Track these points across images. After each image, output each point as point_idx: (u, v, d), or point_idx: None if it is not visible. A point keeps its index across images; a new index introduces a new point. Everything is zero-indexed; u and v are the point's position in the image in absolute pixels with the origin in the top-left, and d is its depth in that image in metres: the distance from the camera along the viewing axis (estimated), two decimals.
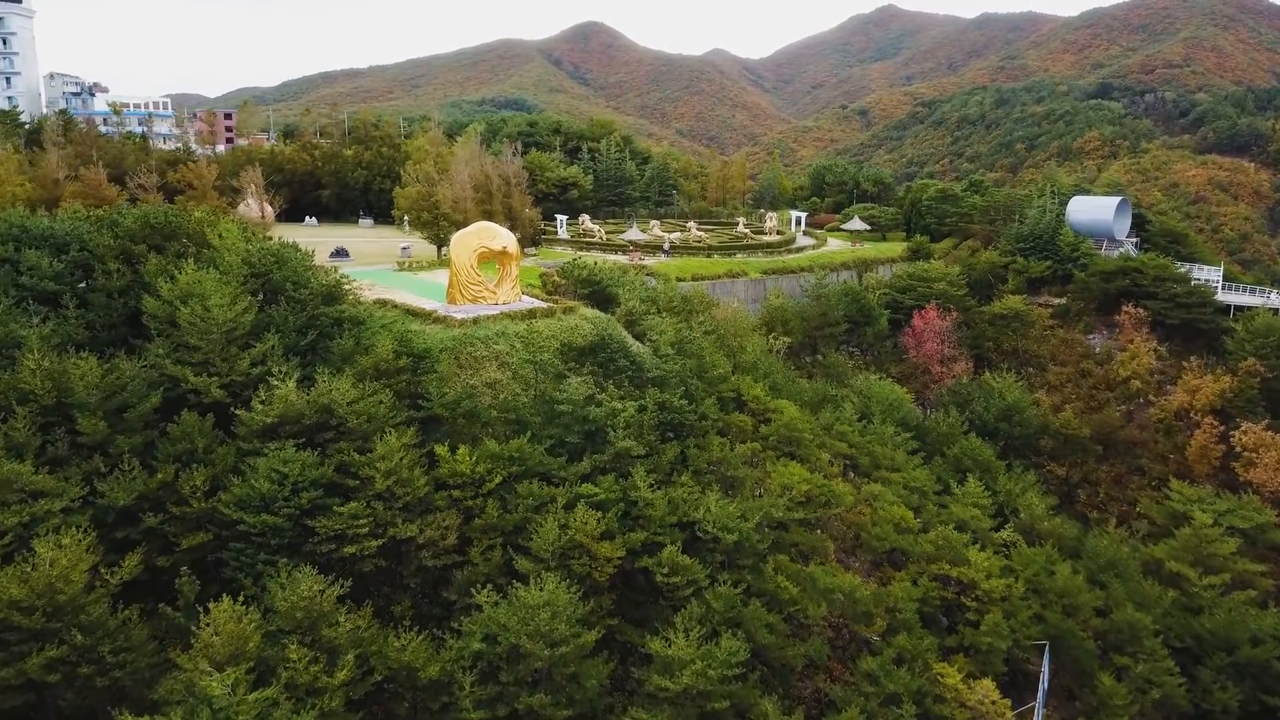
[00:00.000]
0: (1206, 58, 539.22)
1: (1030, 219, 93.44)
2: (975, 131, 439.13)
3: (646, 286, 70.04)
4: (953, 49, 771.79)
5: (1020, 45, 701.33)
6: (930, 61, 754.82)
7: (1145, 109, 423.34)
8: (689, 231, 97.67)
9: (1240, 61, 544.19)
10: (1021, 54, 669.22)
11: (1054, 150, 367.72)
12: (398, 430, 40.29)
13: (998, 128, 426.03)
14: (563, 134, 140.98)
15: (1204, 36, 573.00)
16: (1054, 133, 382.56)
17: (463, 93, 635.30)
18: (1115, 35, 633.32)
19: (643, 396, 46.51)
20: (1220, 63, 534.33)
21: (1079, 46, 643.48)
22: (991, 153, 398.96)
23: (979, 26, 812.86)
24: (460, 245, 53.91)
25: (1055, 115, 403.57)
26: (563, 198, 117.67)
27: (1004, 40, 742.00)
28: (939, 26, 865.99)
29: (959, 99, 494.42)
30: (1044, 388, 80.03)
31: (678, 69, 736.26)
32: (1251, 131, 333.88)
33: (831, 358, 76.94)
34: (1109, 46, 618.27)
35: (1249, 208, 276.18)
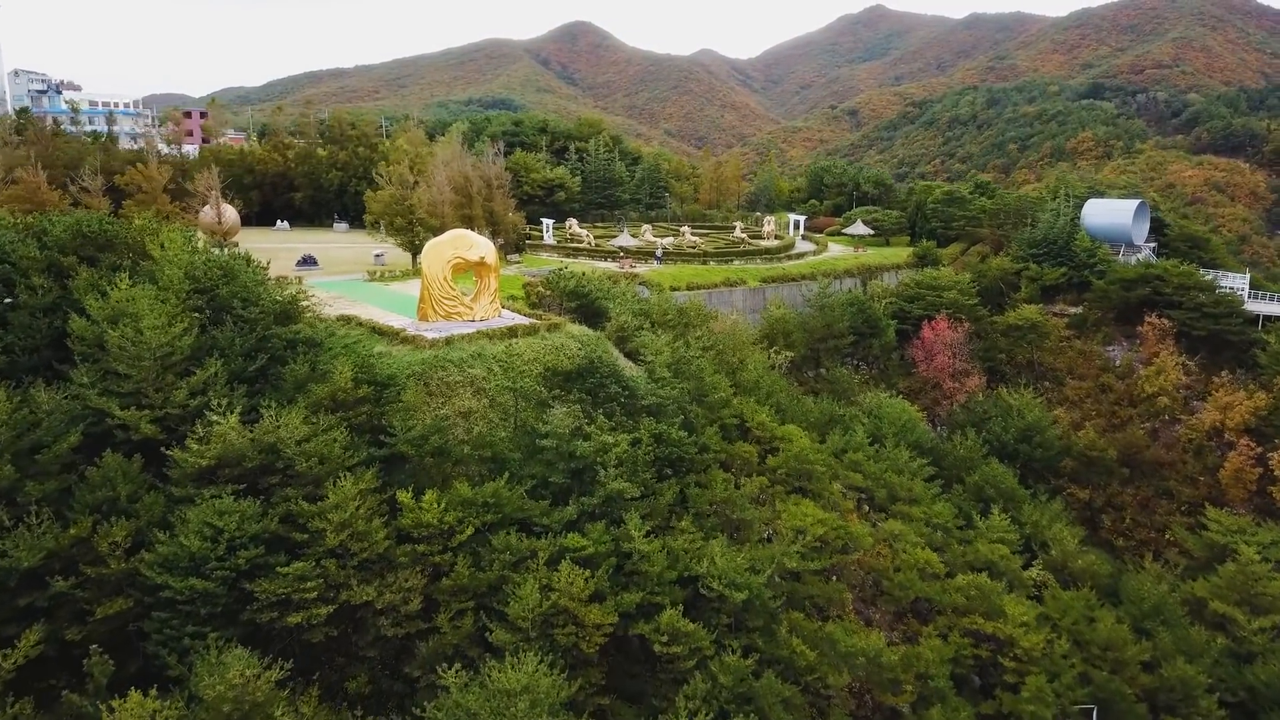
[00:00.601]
0: (1196, 58, 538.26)
1: (1043, 223, 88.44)
2: (967, 132, 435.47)
3: (639, 298, 64.74)
4: (941, 49, 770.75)
5: (1009, 46, 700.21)
6: (919, 62, 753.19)
7: (1138, 109, 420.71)
8: (682, 236, 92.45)
9: (1229, 62, 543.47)
10: (1011, 54, 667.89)
11: (1047, 151, 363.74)
12: (355, 473, 34.83)
13: (990, 128, 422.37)
14: (549, 133, 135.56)
15: (1193, 37, 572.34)
16: (1047, 133, 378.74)
17: (449, 93, 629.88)
18: (1104, 35, 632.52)
19: (636, 428, 41.19)
20: (1209, 63, 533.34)
21: (1068, 47, 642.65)
22: (984, 153, 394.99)
23: (968, 27, 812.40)
24: (433, 256, 48.48)
25: (1047, 115, 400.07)
26: (549, 200, 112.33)
27: (993, 41, 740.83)
28: (927, 27, 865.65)
29: (950, 99, 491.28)
30: (1061, 403, 75.07)
31: (666, 69, 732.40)
32: (1246, 132, 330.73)
33: (836, 372, 71.81)
34: (1098, 47, 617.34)
35: (1246, 209, 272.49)
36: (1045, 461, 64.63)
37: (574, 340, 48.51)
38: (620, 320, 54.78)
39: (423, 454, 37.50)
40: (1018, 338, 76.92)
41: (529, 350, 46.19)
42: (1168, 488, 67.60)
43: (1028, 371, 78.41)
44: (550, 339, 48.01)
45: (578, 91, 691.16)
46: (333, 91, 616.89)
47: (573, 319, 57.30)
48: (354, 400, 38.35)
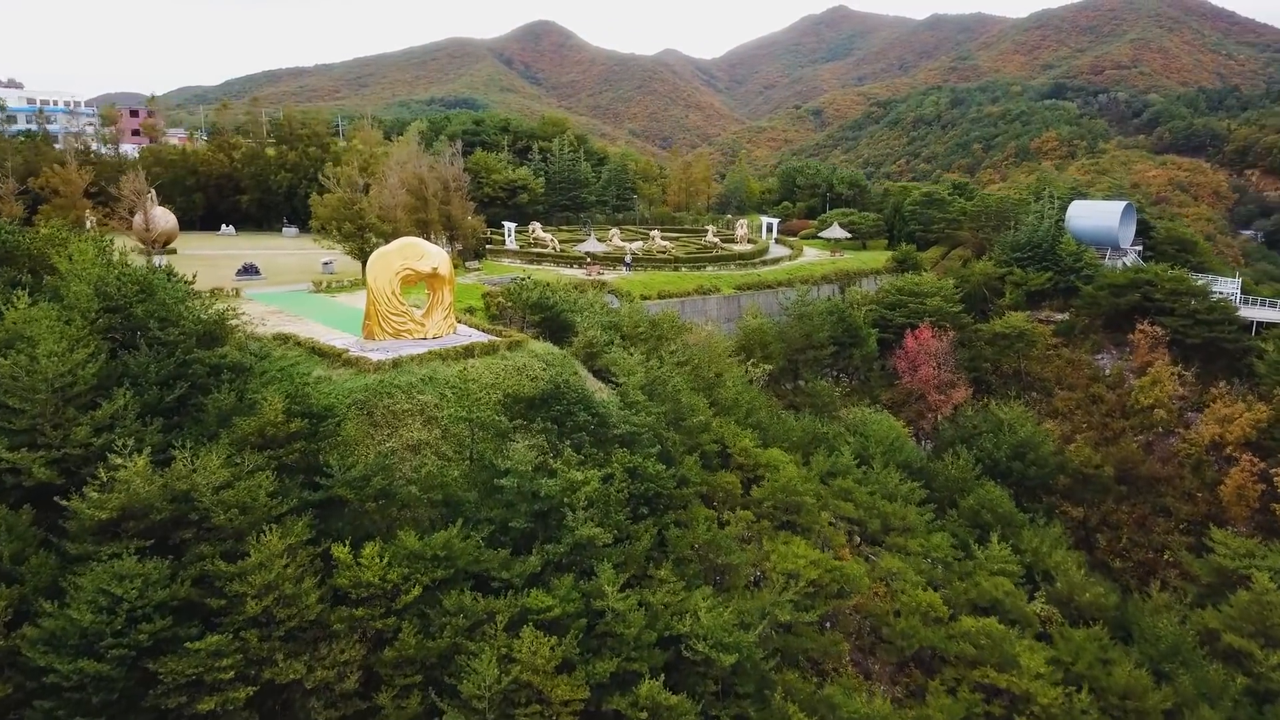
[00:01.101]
0: (1153, 59, 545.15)
1: (1027, 226, 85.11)
2: (931, 132, 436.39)
3: (608, 309, 60.23)
4: (904, 50, 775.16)
5: (971, 46, 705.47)
6: (882, 62, 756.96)
7: (1099, 109, 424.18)
8: (652, 241, 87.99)
9: (1186, 63, 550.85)
10: (972, 55, 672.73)
11: (1011, 151, 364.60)
12: (283, 524, 30.06)
13: (954, 128, 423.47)
14: (511, 133, 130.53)
15: (1150, 38, 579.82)
16: (1011, 133, 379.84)
17: (411, 92, 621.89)
18: (1064, 36, 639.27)
19: (608, 461, 36.70)
20: (1167, 64, 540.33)
21: (1029, 47, 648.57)
22: (948, 153, 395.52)
23: (929, 27, 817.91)
24: (379, 267, 43.62)
25: (1011, 115, 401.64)
26: (511, 202, 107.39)
27: (954, 41, 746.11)
28: (890, 27, 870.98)
29: (914, 99, 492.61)
30: (1051, 415, 71.63)
31: (630, 69, 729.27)
32: (1207, 132, 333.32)
33: (816, 385, 67.76)
34: (1058, 48, 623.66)
35: (1209, 208, 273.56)
36: (1039, 480, 61.03)
37: (538, 360, 43.92)
38: (588, 335, 50.27)
39: (364, 498, 32.73)
40: (1004, 346, 73.36)
41: (487, 372, 41.55)
42: (1165, 504, 64.31)
43: (1014, 381, 74.97)
44: (511, 359, 43.38)
45: (541, 91, 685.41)
46: (292, 91, 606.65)
47: (536, 334, 52.74)
48: (286, 436, 33.46)
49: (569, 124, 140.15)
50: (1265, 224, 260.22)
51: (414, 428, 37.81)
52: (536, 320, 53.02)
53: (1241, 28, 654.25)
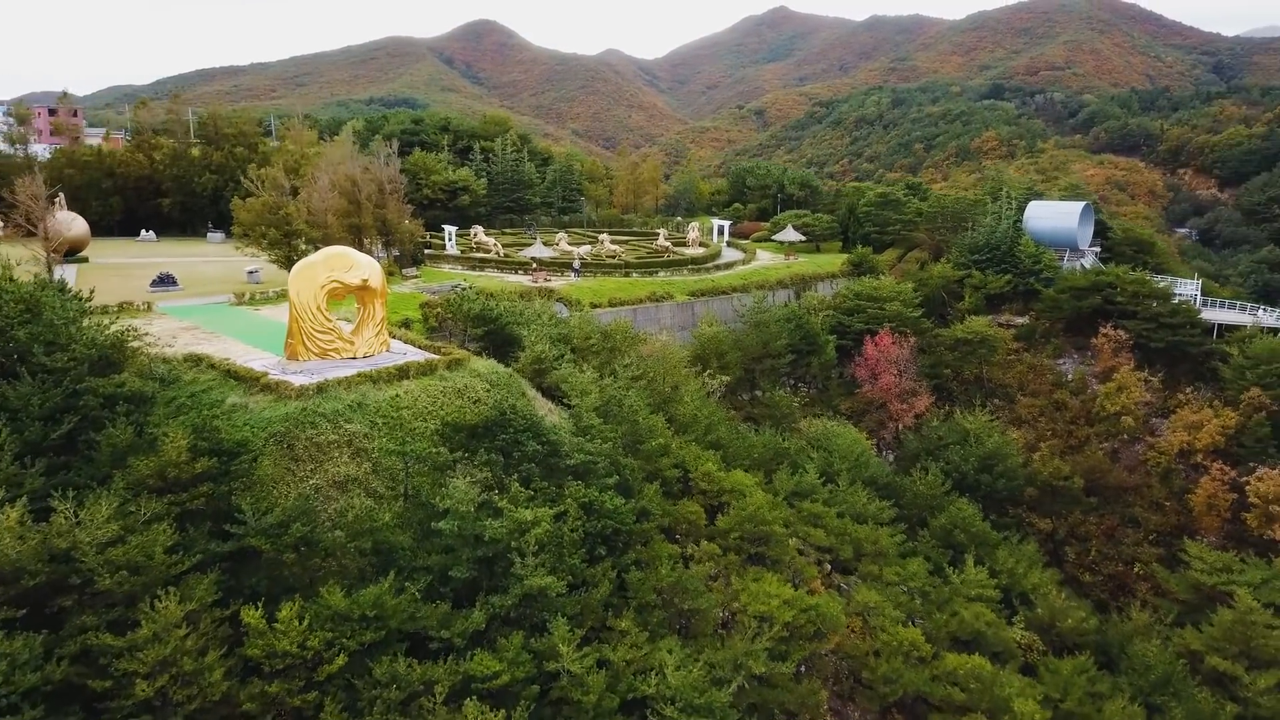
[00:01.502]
0: (1086, 60, 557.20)
1: (985, 227, 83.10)
2: (873, 131, 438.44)
3: (556, 319, 56.40)
4: (844, 50, 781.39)
5: (909, 47, 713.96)
6: (823, 63, 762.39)
7: (1036, 109, 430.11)
8: (601, 245, 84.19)
9: (1117, 64, 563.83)
10: (911, 56, 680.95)
11: (952, 151, 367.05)
12: (184, 585, 25.91)
13: (896, 128, 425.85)
14: (452, 132, 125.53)
15: (1083, 40, 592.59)
16: (951, 133, 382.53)
17: (350, 92, 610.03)
18: (1000, 38, 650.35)
19: (561, 495, 33.00)
20: (1099, 65, 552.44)
21: (966, 49, 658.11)
22: (891, 153, 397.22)
23: (869, 29, 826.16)
24: (303, 279, 39.33)
25: (951, 115, 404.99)
26: (452, 204, 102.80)
27: (893, 42, 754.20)
28: (830, 28, 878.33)
29: (856, 99, 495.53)
30: (1014, 422, 69.51)
31: (573, 69, 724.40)
32: (1142, 131, 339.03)
33: (775, 396, 64.70)
34: (994, 49, 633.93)
35: (1146, 207, 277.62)
36: (1007, 492, 58.66)
37: (480, 380, 40.00)
38: (536, 350, 46.46)
39: (282, 547, 28.58)
40: (966, 352, 71.00)
41: (424, 396, 37.53)
42: (1133, 515, 62.44)
43: (976, 388, 72.75)
44: (451, 379, 39.40)
45: (483, 91, 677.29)
46: (226, 90, 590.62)
47: (479, 349, 48.79)
48: (190, 477, 29.19)
49: (511, 123, 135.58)
50: (1199, 222, 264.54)
51: (341, 461, 33.69)
52: (479, 334, 49.04)
53: (1169, 30, 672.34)
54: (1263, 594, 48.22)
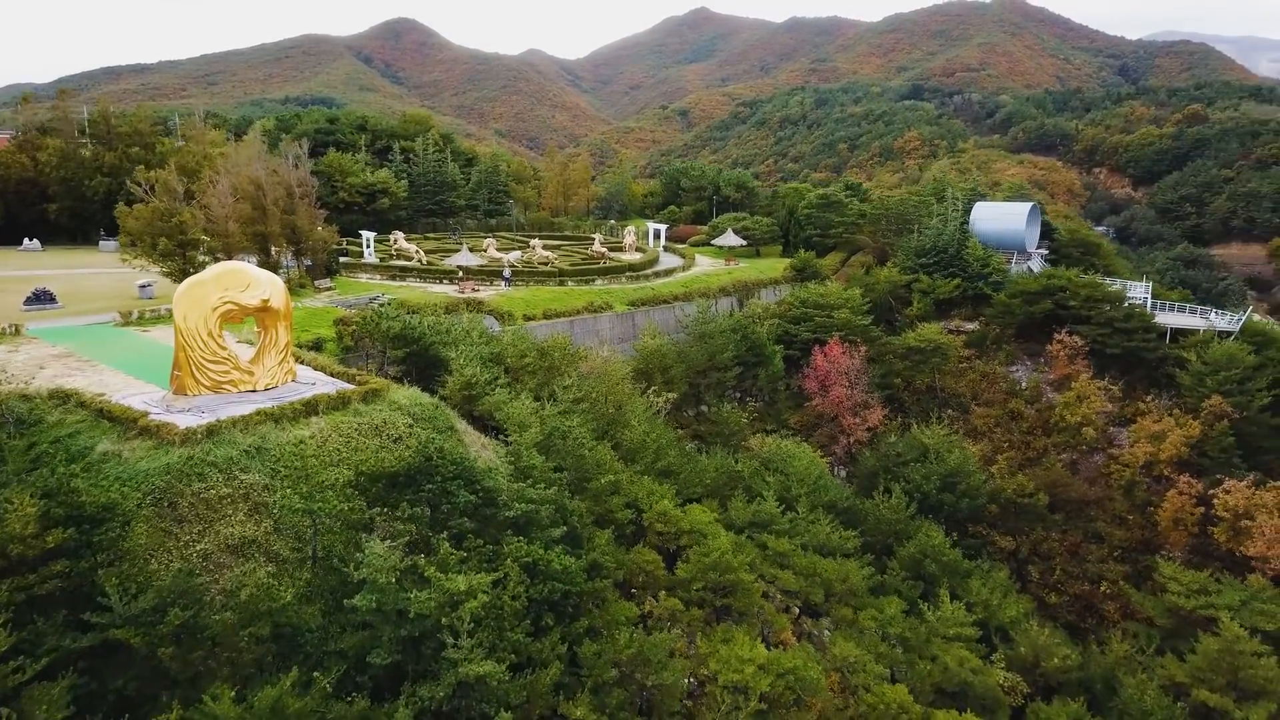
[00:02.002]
0: (1000, 62, 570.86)
1: (930, 229, 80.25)
2: (798, 131, 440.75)
3: (487, 335, 51.26)
4: (765, 51, 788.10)
5: (829, 49, 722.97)
6: (744, 63, 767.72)
7: (955, 109, 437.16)
8: (533, 251, 78.92)
9: (1029, 66, 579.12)
10: (831, 57, 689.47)
11: (876, 150, 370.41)
12: (25, 698, 20.39)
13: (820, 128, 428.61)
14: (370, 131, 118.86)
15: (996, 42, 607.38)
16: (875, 132, 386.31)
17: (265, 91, 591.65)
18: (917, 40, 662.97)
19: (499, 555, 28.13)
20: (1012, 67, 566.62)
21: (884, 50, 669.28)
22: (815, 153, 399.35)
23: (789, 30, 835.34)
24: (191, 301, 33.65)
25: (874, 115, 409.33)
26: (370, 208, 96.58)
27: (813, 44, 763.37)
28: (750, 29, 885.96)
29: (780, 99, 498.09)
30: (969, 433, 66.49)
31: (495, 68, 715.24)
32: (1058, 131, 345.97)
33: (722, 411, 60.61)
34: (911, 50, 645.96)
35: (1066, 205, 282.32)
36: (970, 511, 55.43)
37: (402, 414, 34.80)
38: (465, 373, 41.38)
39: (157, 639, 23.17)
40: (918, 361, 67.81)
41: (335, 436, 32.24)
42: (1096, 530, 59.78)
43: (929, 398, 69.69)
44: (367, 414, 34.13)
45: (403, 90, 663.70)
46: (134, 89, 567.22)
47: (400, 372, 43.53)
48: (40, 554, 23.62)
49: (433, 122, 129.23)
50: (1116, 220, 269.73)
51: (235, 521, 28.26)
52: (400, 356, 43.72)
53: (1076, 33, 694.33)
54: (1243, 617, 45.60)
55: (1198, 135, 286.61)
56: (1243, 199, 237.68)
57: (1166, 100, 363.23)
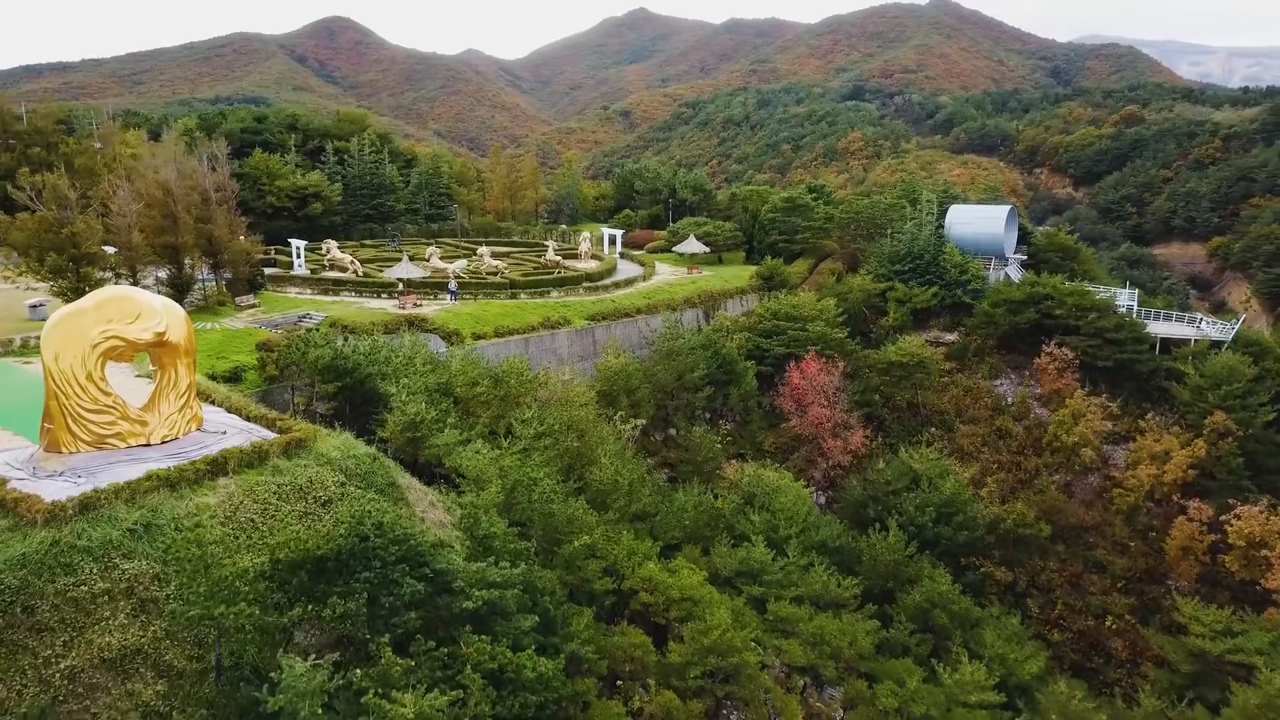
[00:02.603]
0: (936, 63, 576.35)
1: (904, 234, 75.66)
2: (741, 132, 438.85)
3: (432, 359, 45.03)
4: (705, 52, 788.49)
5: (768, 50, 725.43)
6: (684, 64, 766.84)
7: (896, 110, 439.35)
8: (480, 260, 72.39)
9: (964, 68, 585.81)
10: (770, 58, 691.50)
11: (820, 151, 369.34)
12: None
13: (763, 128, 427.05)
14: (301, 130, 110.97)
15: (932, 44, 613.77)
16: (818, 133, 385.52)
17: (194, 90, 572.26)
18: (855, 41, 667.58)
19: (456, 663, 22.19)
20: (948, 68, 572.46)
21: (823, 52, 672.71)
22: (759, 153, 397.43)
23: (728, 31, 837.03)
24: (64, 336, 27.13)
25: (817, 116, 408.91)
26: (301, 214, 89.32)
27: (752, 45, 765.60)
28: (690, 30, 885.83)
29: (722, 100, 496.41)
30: (954, 454, 61.89)
31: (433, 68, 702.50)
32: (999, 132, 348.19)
33: (694, 437, 55.13)
34: (850, 52, 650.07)
35: None
36: (968, 544, 50.73)
37: (332, 469, 28.64)
38: (408, 411, 35.25)
39: None
40: (900, 377, 63.04)
41: (250, 503, 25.99)
42: (1096, 558, 55.59)
43: (910, 416, 65.09)
44: (290, 471, 27.91)
45: (339, 90, 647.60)
46: (55, 88, 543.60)
47: (332, 410, 37.24)
48: None
49: (369, 120, 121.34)
50: (1059, 220, 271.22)
51: (115, 626, 21.92)
52: (331, 391, 37.38)
53: (1009, 36, 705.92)
54: (1275, 660, 41.60)
55: (1136, 136, 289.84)
56: (1182, 199, 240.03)
57: (1103, 101, 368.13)
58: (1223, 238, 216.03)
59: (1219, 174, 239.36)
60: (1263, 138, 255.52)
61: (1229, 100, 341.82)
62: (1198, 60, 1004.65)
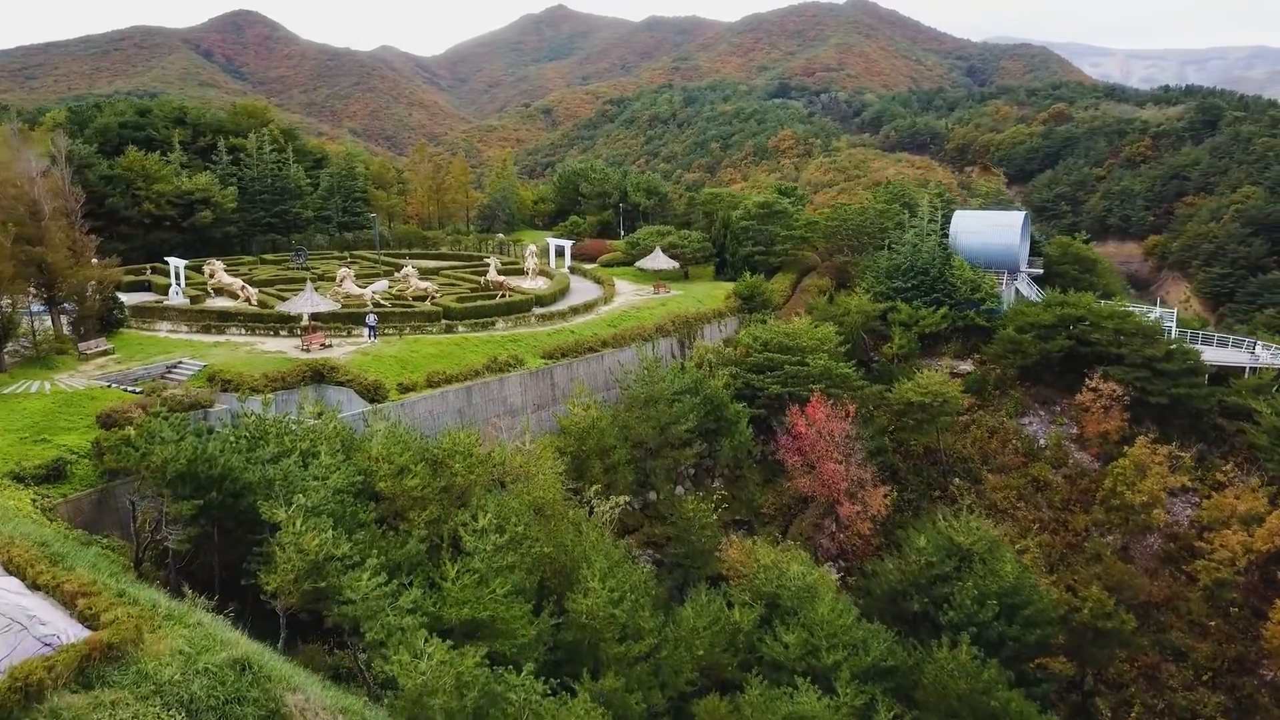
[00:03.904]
0: (856, 62, 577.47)
1: (905, 245, 65.15)
2: (668, 130, 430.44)
3: (345, 435, 32.50)
4: (625, 50, 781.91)
5: (689, 48, 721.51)
6: (604, 61, 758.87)
7: (823, 108, 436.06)
8: (406, 280, 59.03)
9: (884, 67, 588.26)
10: (692, 56, 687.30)
11: (750, 150, 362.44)
12: None
13: (690, 126, 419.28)
14: (190, 125, 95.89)
15: (852, 43, 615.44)
16: (747, 131, 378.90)
17: (91, 86, 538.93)
18: (775, 40, 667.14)
19: None
20: (868, 67, 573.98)
21: (744, 50, 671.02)
22: (687, 152, 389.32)
23: (648, 29, 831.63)
24: None
25: (745, 114, 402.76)
26: (187, 224, 75.09)
27: (673, 43, 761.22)
28: (609, 28, 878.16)
29: (647, 97, 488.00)
30: (987, 511, 51.43)
31: (346, 64, 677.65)
32: (929, 131, 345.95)
33: (685, 508, 43.58)
34: (770, 50, 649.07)
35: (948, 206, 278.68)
36: (1037, 643, 40.16)
37: (167, 710, 16.15)
38: (307, 548, 22.86)
39: None
40: (921, 420, 52.38)
41: None
42: (1173, 643, 45.74)
43: (927, 464, 54.52)
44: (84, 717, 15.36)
45: (247, 86, 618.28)
46: None
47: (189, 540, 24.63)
48: None
49: (271, 114, 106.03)
50: None
51: None
52: (190, 512, 24.67)
53: (926, 36, 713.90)
54: None
55: (1067, 134, 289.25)
56: (1117, 197, 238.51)
57: (1027, 100, 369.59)
58: (1159, 236, 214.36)
59: (1152, 172, 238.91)
60: (1191, 136, 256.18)
61: (1152, 99, 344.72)
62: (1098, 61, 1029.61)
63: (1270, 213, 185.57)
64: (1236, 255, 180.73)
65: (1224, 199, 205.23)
